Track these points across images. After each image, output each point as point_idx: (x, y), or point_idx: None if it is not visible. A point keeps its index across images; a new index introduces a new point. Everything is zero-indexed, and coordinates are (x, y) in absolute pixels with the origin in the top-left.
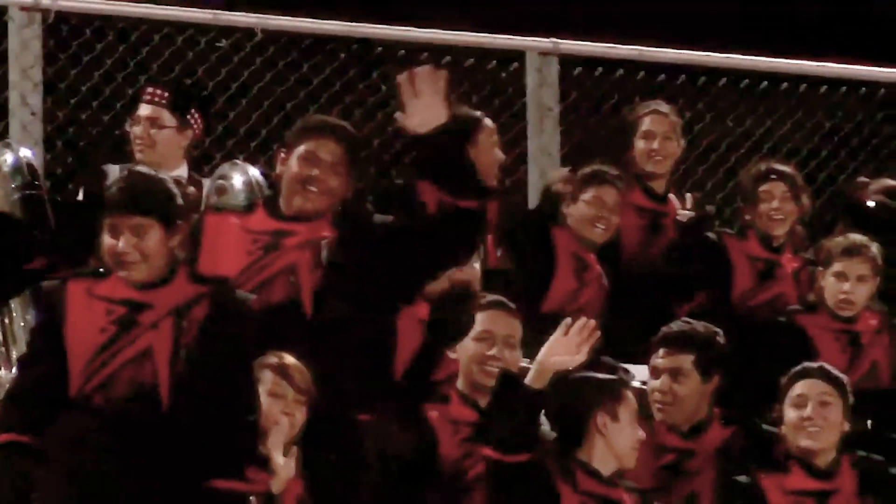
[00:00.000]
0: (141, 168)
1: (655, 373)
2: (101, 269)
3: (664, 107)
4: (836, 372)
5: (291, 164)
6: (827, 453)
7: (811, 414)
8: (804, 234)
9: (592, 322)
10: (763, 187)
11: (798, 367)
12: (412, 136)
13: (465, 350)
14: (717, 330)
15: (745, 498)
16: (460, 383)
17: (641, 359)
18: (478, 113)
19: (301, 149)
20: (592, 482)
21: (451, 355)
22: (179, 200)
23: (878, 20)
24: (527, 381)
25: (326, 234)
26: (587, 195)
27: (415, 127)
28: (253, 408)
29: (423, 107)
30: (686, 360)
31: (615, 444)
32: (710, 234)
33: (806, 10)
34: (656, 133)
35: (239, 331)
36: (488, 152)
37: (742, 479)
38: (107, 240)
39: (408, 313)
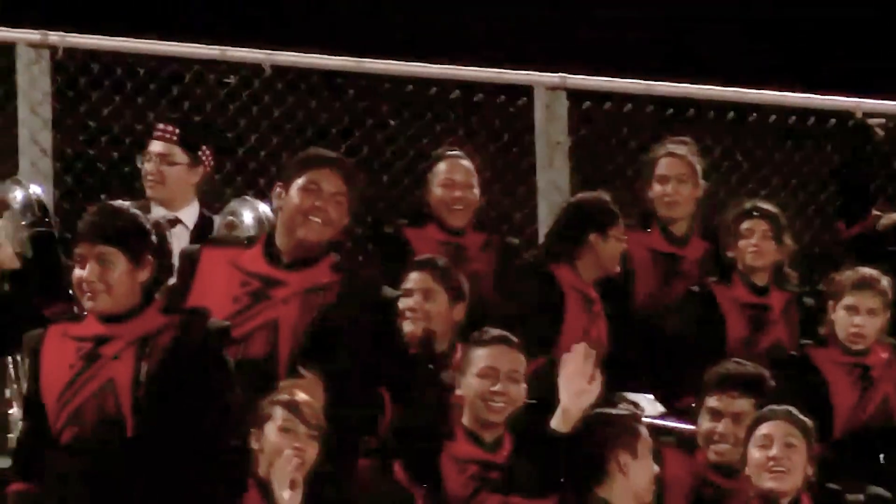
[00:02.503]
0: (114, 202)
1: (715, 415)
2: (85, 313)
3: (680, 149)
4: (801, 416)
5: (292, 195)
6: (790, 495)
7: (777, 454)
8: (794, 275)
9: (587, 347)
10: (745, 224)
11: (764, 410)
12: None
13: (469, 387)
14: (765, 371)
15: None
16: (466, 419)
17: (647, 389)
18: (440, 151)
19: (301, 180)
20: None
21: (457, 392)
22: (152, 236)
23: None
24: (552, 425)
25: (322, 282)
26: (616, 232)
27: None
28: (234, 434)
29: None
30: (747, 404)
31: (635, 481)
32: (695, 288)
33: (814, 44)
34: (669, 177)
35: (205, 357)
36: (437, 189)
37: None
38: (75, 270)
39: None
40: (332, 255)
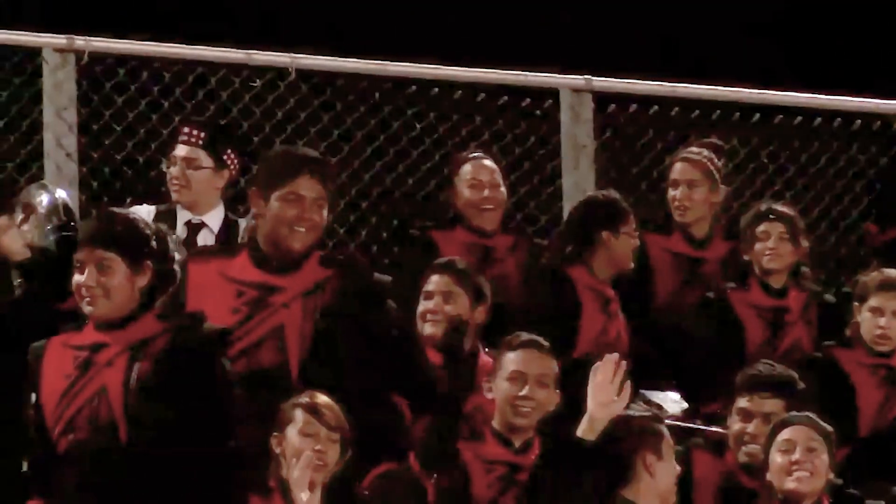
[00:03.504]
0: (117, 208)
1: (746, 416)
2: (87, 322)
3: (696, 153)
4: (822, 421)
5: (272, 206)
6: (812, 498)
7: (800, 458)
8: (811, 275)
9: (618, 358)
10: (761, 227)
11: (785, 415)
12: None
13: (499, 390)
14: (795, 373)
15: None
16: (496, 422)
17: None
18: (463, 154)
19: (280, 191)
20: None
21: (488, 395)
22: (152, 242)
23: None
24: (579, 433)
25: (316, 280)
26: (627, 228)
27: None
28: (231, 438)
29: None
30: (778, 406)
31: (661, 481)
32: (710, 295)
33: (839, 45)
34: (680, 181)
35: (199, 361)
36: (464, 191)
37: None
38: (75, 276)
39: None
40: (318, 251)
